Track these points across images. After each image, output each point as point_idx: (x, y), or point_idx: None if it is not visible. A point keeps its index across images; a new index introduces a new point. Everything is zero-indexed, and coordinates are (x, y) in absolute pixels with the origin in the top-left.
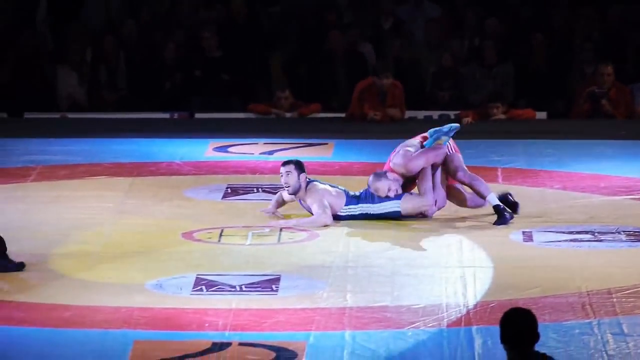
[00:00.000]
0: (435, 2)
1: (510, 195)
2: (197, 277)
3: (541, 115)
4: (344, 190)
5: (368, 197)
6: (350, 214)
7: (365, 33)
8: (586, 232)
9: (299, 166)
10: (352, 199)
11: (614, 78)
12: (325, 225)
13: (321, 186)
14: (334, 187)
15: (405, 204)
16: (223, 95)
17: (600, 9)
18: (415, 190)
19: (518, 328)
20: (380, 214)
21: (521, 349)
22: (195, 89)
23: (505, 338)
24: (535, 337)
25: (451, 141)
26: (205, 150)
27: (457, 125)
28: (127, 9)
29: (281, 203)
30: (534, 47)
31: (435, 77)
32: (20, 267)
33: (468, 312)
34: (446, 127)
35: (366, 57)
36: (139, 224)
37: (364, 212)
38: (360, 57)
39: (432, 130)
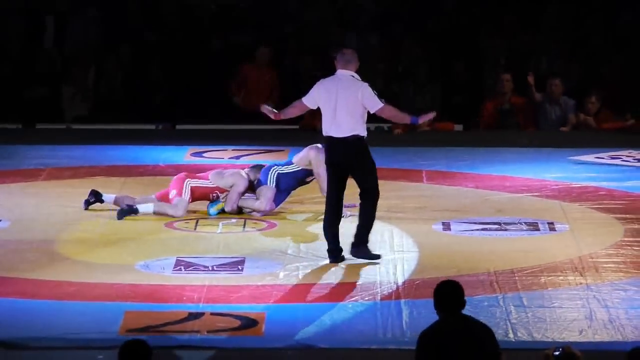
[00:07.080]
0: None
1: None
2: (177, 259)
3: (458, 127)
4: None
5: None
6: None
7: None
8: (494, 223)
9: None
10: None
11: (513, 86)
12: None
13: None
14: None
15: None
16: (202, 108)
17: (506, 36)
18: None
19: (446, 295)
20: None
21: (449, 312)
22: (178, 104)
23: (437, 304)
24: (462, 303)
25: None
26: (185, 154)
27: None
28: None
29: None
30: (456, 72)
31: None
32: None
33: (398, 288)
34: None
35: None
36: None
37: None
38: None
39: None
